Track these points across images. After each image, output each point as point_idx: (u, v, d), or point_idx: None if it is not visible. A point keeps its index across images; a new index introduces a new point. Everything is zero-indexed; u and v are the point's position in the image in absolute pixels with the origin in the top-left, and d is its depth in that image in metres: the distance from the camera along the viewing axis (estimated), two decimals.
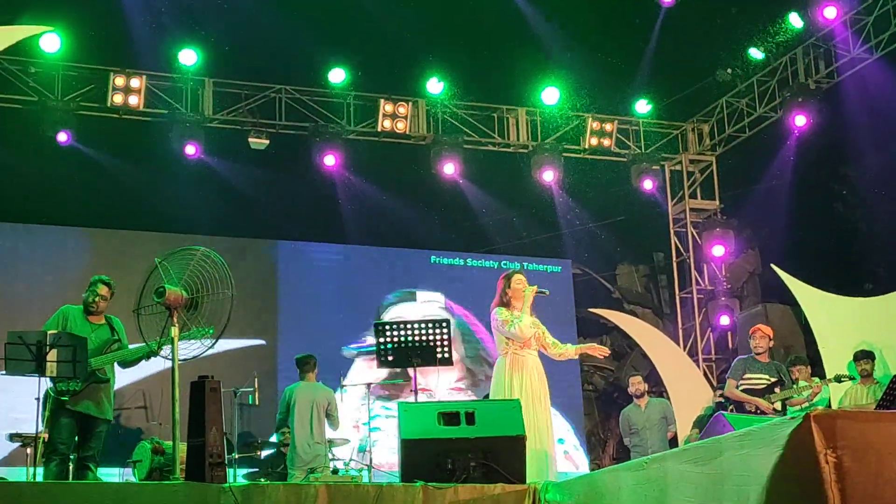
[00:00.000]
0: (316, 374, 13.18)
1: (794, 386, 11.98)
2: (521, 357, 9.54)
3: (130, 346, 9.50)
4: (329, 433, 12.98)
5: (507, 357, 9.57)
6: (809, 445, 4.58)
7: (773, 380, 11.68)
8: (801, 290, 15.90)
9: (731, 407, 11.91)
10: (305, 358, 13.28)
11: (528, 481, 7.71)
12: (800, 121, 16.24)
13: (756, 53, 16.94)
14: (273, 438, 14.57)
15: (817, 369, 13.66)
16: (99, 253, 16.07)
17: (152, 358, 8.69)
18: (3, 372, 8.63)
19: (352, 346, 17.14)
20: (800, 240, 17.12)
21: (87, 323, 9.38)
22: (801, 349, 15.60)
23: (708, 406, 15.10)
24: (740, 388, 11.76)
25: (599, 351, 10.31)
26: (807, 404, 11.87)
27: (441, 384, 16.78)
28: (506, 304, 9.73)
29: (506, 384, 9.48)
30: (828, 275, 16.08)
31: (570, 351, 10.02)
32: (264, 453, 14.38)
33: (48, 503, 6.54)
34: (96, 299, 9.50)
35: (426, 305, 17.76)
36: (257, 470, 13.98)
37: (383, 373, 15.43)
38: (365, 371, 16.54)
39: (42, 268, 15.97)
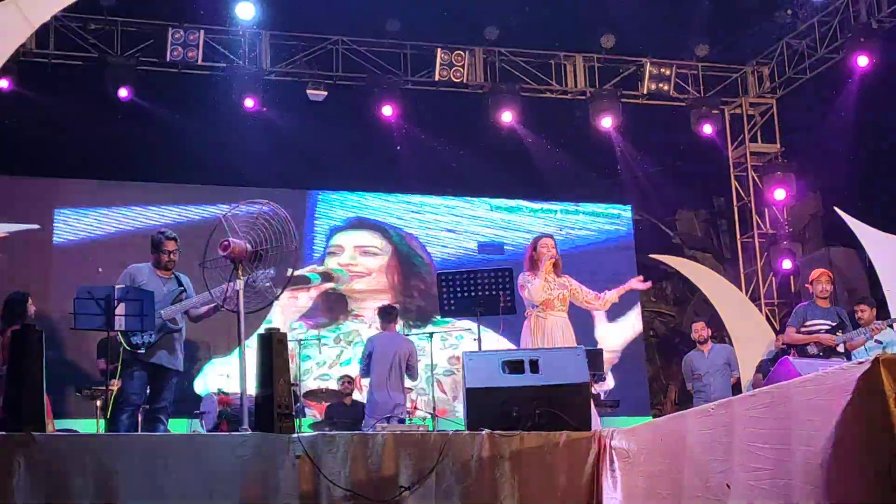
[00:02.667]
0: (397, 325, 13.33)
1: (859, 326, 11.86)
2: (542, 319, 9.87)
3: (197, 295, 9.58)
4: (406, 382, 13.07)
5: (530, 319, 9.97)
6: (879, 389, 4.56)
7: (834, 324, 11.60)
8: (865, 233, 15.73)
9: (793, 351, 11.85)
10: (388, 308, 13.38)
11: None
12: (862, 61, 16.01)
13: None
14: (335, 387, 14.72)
15: (882, 312, 13.53)
16: (162, 208, 16.22)
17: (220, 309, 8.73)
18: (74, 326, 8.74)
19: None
20: (862, 182, 16.93)
21: (157, 278, 9.47)
22: (866, 292, 15.45)
23: (770, 351, 15.02)
24: (802, 332, 11.69)
25: (637, 284, 10.43)
26: (871, 343, 11.80)
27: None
28: (535, 265, 9.95)
29: (526, 346, 9.78)
30: (892, 216, 15.91)
31: (613, 297, 10.15)
32: (327, 403, 14.51)
33: (120, 455, 6.63)
34: (170, 256, 9.59)
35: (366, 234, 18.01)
36: (322, 420, 14.11)
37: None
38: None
39: (106, 224, 16.16)
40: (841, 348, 11.51)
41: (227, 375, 14.34)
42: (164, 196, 16.58)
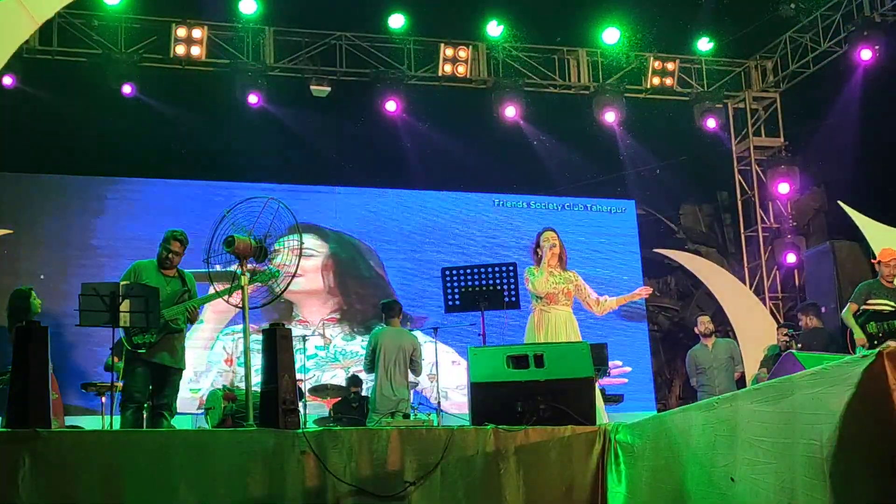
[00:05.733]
0: (401, 320, 13.30)
1: None
2: (547, 313, 9.92)
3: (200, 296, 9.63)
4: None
5: (535, 313, 10.02)
6: (882, 383, 4.57)
7: None
8: (869, 227, 15.75)
9: (799, 345, 11.82)
10: (391, 303, 13.35)
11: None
12: (865, 55, 15.99)
13: None
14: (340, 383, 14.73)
15: None
16: (165, 204, 16.25)
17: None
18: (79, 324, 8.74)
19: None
20: (866, 175, 16.89)
21: (161, 276, 9.48)
22: None
23: (773, 345, 15.01)
24: (862, 309, 11.54)
25: (640, 294, 10.50)
26: None
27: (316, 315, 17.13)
28: (539, 258, 10.00)
29: (531, 340, 9.83)
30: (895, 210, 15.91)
31: (612, 304, 10.19)
32: (333, 399, 14.51)
33: (126, 451, 6.65)
34: (170, 256, 9.58)
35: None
36: (327, 415, 14.12)
37: None
38: None
39: (110, 220, 16.19)
40: None
41: (231, 371, 14.38)
42: (166, 193, 16.59)
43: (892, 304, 11.47)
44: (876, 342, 11.03)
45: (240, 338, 15.37)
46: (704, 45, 17.82)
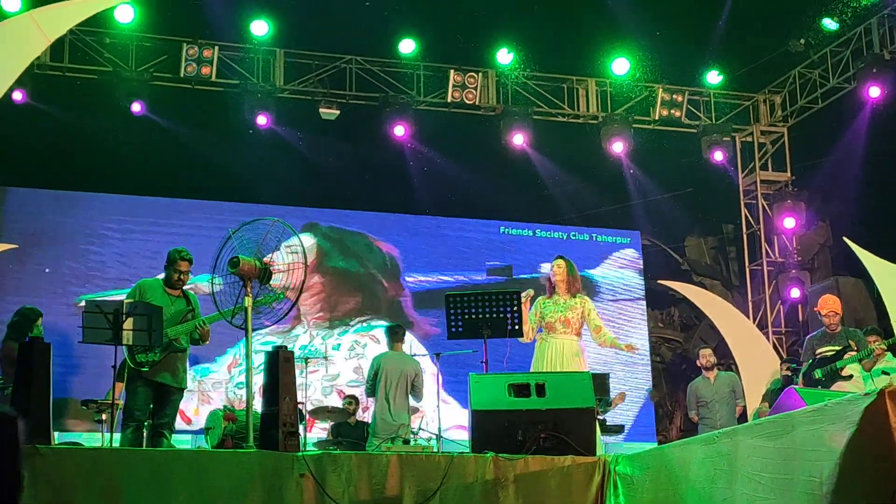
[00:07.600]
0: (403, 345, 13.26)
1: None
2: (545, 342, 10.00)
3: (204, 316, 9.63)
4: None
5: (537, 342, 10.01)
6: (884, 421, 4.57)
7: (839, 348, 11.61)
8: (873, 263, 15.72)
9: (800, 381, 11.86)
10: (395, 327, 13.32)
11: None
12: (874, 92, 16.02)
13: (830, 24, 16.66)
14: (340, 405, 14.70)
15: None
16: (172, 222, 16.27)
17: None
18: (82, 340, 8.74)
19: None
20: (872, 212, 16.89)
21: (166, 295, 9.48)
22: (873, 322, 15.42)
23: (776, 379, 15.00)
24: (811, 361, 11.75)
25: (628, 349, 10.60)
26: (881, 377, 11.76)
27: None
28: (552, 288, 10.05)
29: (533, 368, 9.98)
30: None
31: (608, 340, 10.35)
32: (332, 422, 14.48)
33: (124, 469, 6.64)
34: (181, 276, 9.59)
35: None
36: (326, 439, 14.08)
37: None
38: None
39: (116, 237, 16.21)
40: (846, 372, 11.51)
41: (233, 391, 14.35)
42: (173, 211, 16.61)
43: (835, 347, 11.59)
44: (820, 387, 11.27)
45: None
46: (713, 77, 17.86)
